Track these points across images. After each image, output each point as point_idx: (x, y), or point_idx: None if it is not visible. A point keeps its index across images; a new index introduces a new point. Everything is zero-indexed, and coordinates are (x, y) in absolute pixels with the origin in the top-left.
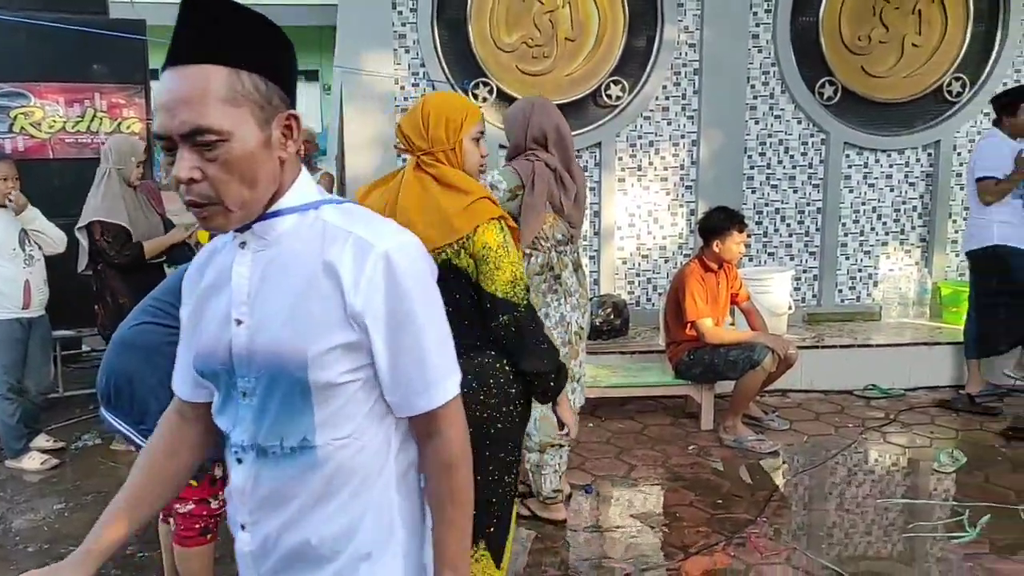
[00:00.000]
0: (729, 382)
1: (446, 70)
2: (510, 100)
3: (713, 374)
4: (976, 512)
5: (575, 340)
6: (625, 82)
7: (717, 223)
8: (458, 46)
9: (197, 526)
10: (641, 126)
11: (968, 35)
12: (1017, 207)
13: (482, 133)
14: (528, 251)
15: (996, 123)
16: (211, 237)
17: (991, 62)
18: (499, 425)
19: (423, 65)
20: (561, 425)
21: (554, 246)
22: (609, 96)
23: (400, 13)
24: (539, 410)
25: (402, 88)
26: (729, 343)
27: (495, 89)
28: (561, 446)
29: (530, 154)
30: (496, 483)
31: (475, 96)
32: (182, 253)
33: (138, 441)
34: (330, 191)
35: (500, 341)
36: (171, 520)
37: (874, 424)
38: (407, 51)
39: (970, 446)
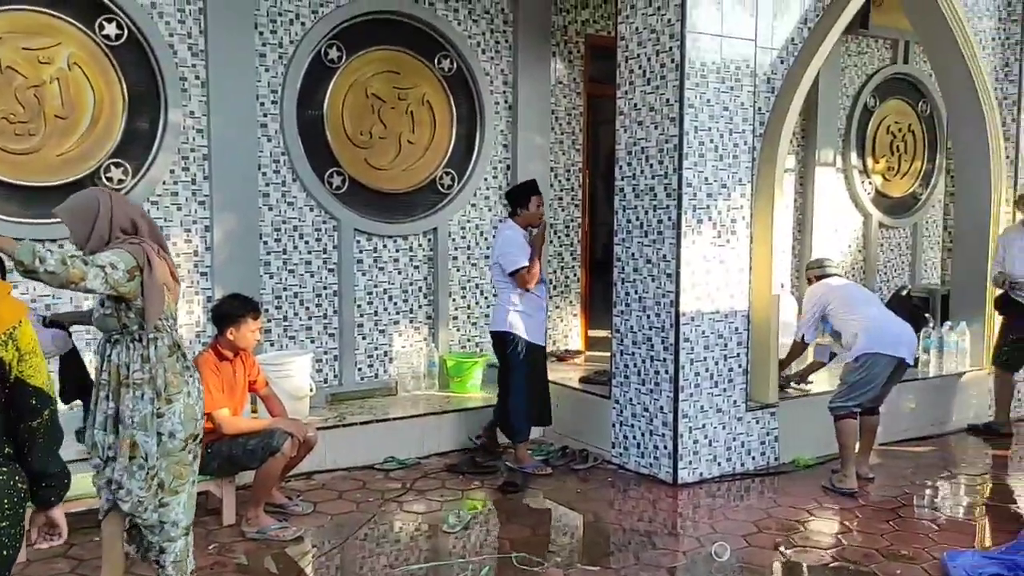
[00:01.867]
0: (251, 472)
1: None
2: None
3: (233, 465)
4: (480, 565)
5: (201, 416)
6: (128, 165)
7: (231, 310)
8: None
9: None
10: (149, 211)
11: (454, 135)
12: (532, 296)
13: None
14: (154, 335)
15: (512, 215)
16: None
17: (474, 160)
18: (4, 552)
19: None
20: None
21: (173, 325)
22: (110, 179)
23: None
24: (186, 493)
25: None
26: (248, 432)
27: None
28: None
29: (129, 239)
30: None
31: None
32: None
33: None
34: None
35: (35, 439)
36: None
37: (392, 495)
38: None
39: (472, 501)
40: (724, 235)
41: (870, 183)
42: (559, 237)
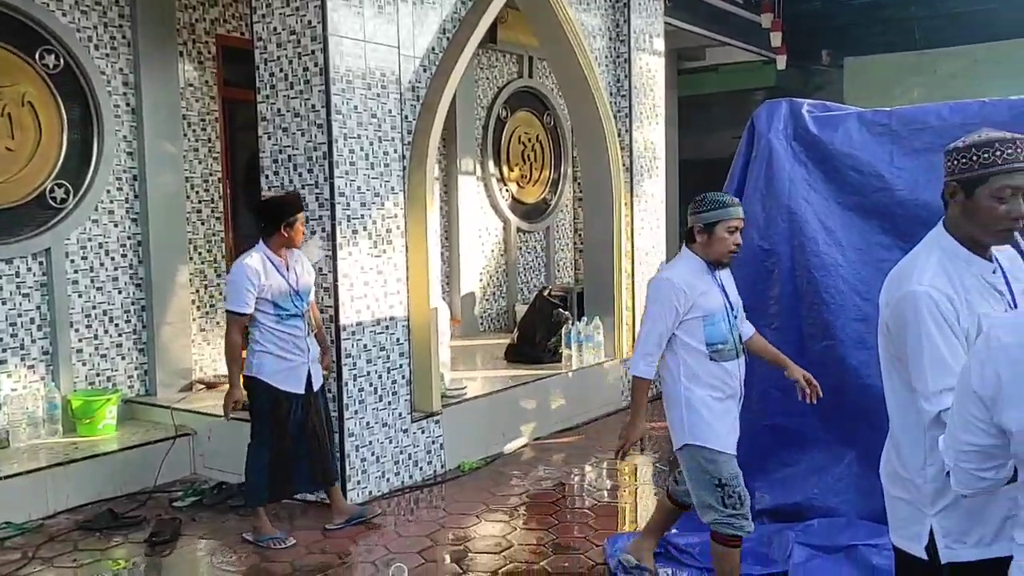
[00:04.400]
0: None
1: None
2: None
3: None
4: None
5: None
6: None
7: None
8: None
9: None
10: None
11: (65, 142)
12: (284, 333)
13: None
14: None
15: (265, 237)
16: None
17: (92, 170)
18: None
19: None
20: None
21: None
22: None
23: None
24: None
25: None
26: None
27: None
28: None
29: None
30: None
31: None
32: None
33: None
34: None
35: None
36: None
37: (10, 570)
38: None
39: (114, 562)
40: (380, 245)
41: (507, 190)
42: (199, 253)
